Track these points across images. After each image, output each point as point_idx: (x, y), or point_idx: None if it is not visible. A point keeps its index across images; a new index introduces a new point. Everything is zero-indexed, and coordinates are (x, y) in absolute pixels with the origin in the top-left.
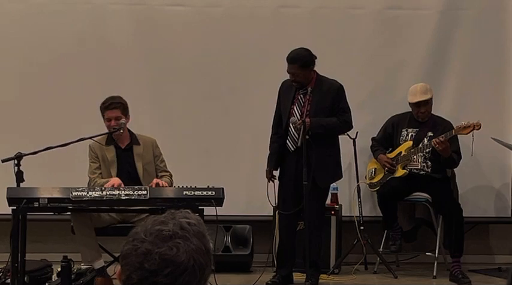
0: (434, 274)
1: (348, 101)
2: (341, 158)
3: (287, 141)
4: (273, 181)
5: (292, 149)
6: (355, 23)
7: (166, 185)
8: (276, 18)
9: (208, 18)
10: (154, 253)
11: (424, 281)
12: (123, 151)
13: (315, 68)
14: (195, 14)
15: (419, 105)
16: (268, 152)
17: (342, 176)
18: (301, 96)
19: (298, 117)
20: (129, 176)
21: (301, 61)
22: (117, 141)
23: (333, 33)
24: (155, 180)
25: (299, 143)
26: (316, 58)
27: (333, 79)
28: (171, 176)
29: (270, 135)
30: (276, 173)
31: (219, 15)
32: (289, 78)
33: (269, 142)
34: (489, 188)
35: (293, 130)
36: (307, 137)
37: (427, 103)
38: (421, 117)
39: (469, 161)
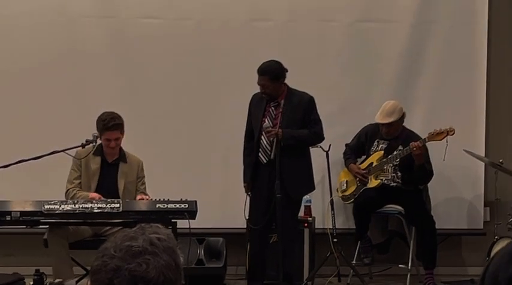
0: None
1: (318, 113)
2: (313, 171)
3: (259, 154)
4: (249, 195)
5: (265, 161)
6: (326, 36)
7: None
8: (247, 31)
9: (179, 31)
10: (123, 269)
11: None
12: (108, 165)
13: (286, 81)
14: (167, 27)
15: (381, 125)
16: (243, 166)
17: (314, 188)
18: (273, 108)
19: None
20: (109, 191)
21: (272, 73)
22: (104, 154)
23: (304, 46)
24: (140, 196)
25: (272, 156)
26: (287, 71)
27: (303, 92)
28: None
29: (243, 148)
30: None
31: (191, 28)
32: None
33: (242, 156)
34: (461, 200)
35: (265, 142)
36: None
37: (390, 125)
38: (384, 136)
39: (442, 173)
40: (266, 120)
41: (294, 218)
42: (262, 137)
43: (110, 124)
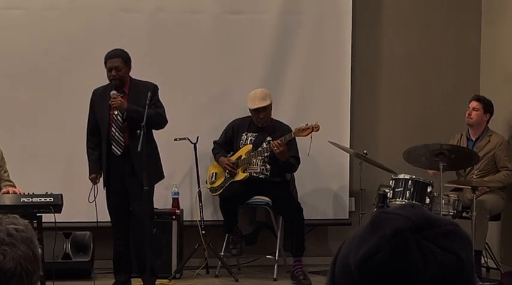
0: (275, 276)
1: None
2: (181, 163)
3: (112, 146)
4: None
5: (119, 153)
6: (194, 27)
7: (21, 192)
8: (114, 21)
9: (45, 20)
10: None
11: (265, 283)
12: None
13: (156, 72)
14: (31, 17)
15: (258, 111)
16: (88, 161)
17: (164, 177)
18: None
19: (121, 121)
20: None
21: (124, 56)
22: None
23: (171, 37)
24: (10, 188)
25: (139, 148)
26: None
27: (147, 81)
28: (14, 186)
29: (86, 143)
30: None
31: (56, 17)
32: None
33: (87, 154)
34: (327, 191)
35: (118, 134)
36: (138, 131)
37: (266, 109)
38: (260, 123)
39: (308, 164)
40: (115, 112)
41: (152, 209)
42: (113, 129)
43: None
